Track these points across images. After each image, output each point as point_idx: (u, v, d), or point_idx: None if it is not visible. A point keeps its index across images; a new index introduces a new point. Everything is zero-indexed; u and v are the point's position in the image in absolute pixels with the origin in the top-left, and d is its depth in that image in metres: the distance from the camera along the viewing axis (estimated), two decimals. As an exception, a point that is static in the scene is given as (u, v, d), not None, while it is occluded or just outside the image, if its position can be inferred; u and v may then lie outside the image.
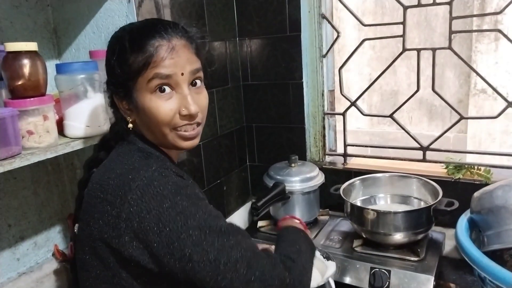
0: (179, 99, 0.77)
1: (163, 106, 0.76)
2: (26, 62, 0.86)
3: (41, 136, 0.87)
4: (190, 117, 0.78)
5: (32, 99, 0.85)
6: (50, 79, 0.95)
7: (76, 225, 0.82)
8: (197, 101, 0.79)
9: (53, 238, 1.17)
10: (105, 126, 0.97)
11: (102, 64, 0.99)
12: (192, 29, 0.83)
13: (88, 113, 0.94)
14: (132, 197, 0.69)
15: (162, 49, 0.75)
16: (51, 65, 1.09)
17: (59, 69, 0.94)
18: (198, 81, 0.80)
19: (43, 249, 1.14)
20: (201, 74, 0.81)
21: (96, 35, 1.12)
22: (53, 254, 1.14)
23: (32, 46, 0.87)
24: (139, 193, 0.69)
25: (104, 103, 0.97)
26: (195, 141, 0.82)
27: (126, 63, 0.75)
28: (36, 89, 0.88)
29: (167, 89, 0.76)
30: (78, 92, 0.94)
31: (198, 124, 0.81)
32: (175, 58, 0.76)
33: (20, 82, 0.85)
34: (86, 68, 0.94)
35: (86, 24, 1.13)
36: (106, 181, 0.74)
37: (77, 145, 0.93)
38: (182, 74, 0.76)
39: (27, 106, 0.84)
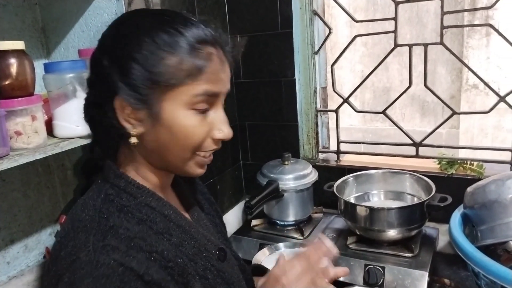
0: (214, 120, 0.66)
1: (200, 126, 0.64)
2: (13, 62, 0.84)
3: (29, 136, 0.85)
4: (222, 142, 0.68)
5: (20, 99, 0.83)
6: (38, 79, 0.93)
7: None
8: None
9: (44, 241, 1.15)
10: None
11: (91, 63, 0.98)
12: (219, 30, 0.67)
13: (77, 113, 0.92)
14: (58, 276, 0.56)
15: (214, 59, 0.63)
16: (39, 64, 1.07)
17: (48, 68, 0.93)
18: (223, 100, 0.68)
19: (34, 252, 1.13)
20: None
21: (85, 33, 1.10)
22: (45, 257, 1.12)
23: (19, 45, 0.85)
24: (65, 279, 0.55)
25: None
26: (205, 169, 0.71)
27: (161, 65, 0.60)
28: (24, 89, 0.86)
29: (205, 107, 0.64)
30: (67, 92, 0.92)
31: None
32: (225, 73, 0.65)
33: (7, 82, 0.83)
34: (75, 67, 0.93)
35: (75, 22, 1.11)
36: (64, 237, 0.61)
37: (67, 146, 0.91)
38: (224, 93, 0.66)
39: (14, 106, 0.82)
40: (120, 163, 0.70)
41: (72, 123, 0.93)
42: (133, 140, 0.64)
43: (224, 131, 0.67)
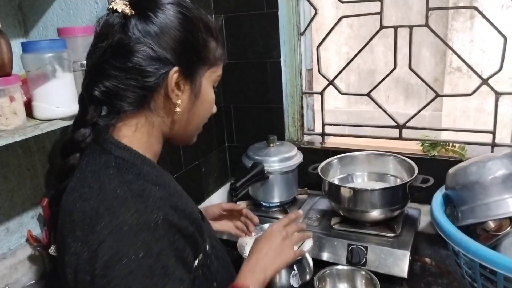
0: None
1: (214, 101, 0.81)
2: (-12, 40, 0.81)
3: (8, 118, 0.83)
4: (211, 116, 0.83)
5: (-4, 79, 0.81)
6: (16, 59, 0.90)
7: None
8: None
9: (26, 224, 1.14)
10: (75, 107, 0.93)
11: (71, 42, 0.95)
12: None
13: (57, 94, 0.90)
14: (99, 242, 0.61)
15: (225, 54, 0.79)
16: (17, 43, 1.04)
17: (25, 47, 0.90)
18: None
19: (16, 235, 1.11)
20: None
21: (64, 12, 1.07)
22: (27, 240, 1.11)
23: (-6, 23, 0.82)
24: (109, 243, 0.60)
25: (74, 83, 0.93)
26: None
27: (208, 47, 0.74)
28: (1, 69, 0.84)
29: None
30: (46, 72, 0.89)
31: None
32: None
33: (-18, 62, 0.81)
34: (54, 46, 0.90)
35: (54, 0, 1.07)
36: (77, 210, 0.65)
37: (47, 127, 0.89)
38: None
39: (-9, 87, 0.80)
40: (123, 135, 0.72)
41: (52, 104, 0.90)
42: (177, 109, 0.72)
43: (215, 108, 0.82)
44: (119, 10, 0.67)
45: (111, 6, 0.69)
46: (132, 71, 0.67)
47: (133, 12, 0.68)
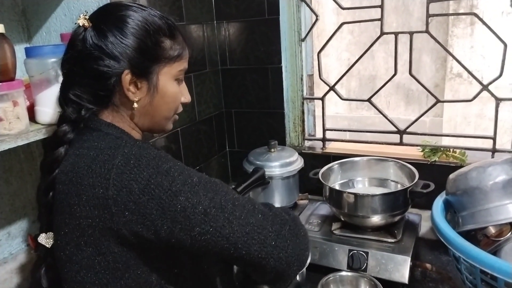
0: (183, 89, 0.88)
1: (179, 93, 0.86)
2: (-8, 45, 0.82)
3: (11, 122, 0.83)
4: (185, 105, 0.90)
5: (0, 84, 0.81)
6: (19, 64, 0.91)
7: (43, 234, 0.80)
8: None
9: (28, 228, 1.14)
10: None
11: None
12: None
13: (60, 99, 0.91)
14: (116, 173, 0.69)
15: (186, 47, 0.85)
16: (20, 49, 1.05)
17: (29, 52, 0.91)
18: None
19: (17, 239, 1.12)
20: None
21: (67, 17, 1.08)
22: (28, 244, 1.11)
23: (-2, 28, 0.83)
24: (121, 167, 0.69)
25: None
26: None
27: (161, 47, 0.80)
28: (4, 74, 0.84)
29: (181, 79, 0.87)
30: (49, 77, 0.90)
31: None
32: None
33: (-14, 67, 0.81)
34: (57, 51, 0.91)
35: (57, 6, 1.08)
36: (82, 168, 0.73)
37: (50, 132, 0.90)
38: None
39: (-5, 91, 0.80)
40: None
41: (55, 108, 0.91)
42: (135, 105, 0.80)
43: (187, 97, 0.89)
44: (81, 24, 0.77)
45: (77, 21, 0.78)
46: (90, 76, 0.77)
47: (90, 25, 0.77)
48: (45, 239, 0.80)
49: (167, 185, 0.69)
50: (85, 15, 0.78)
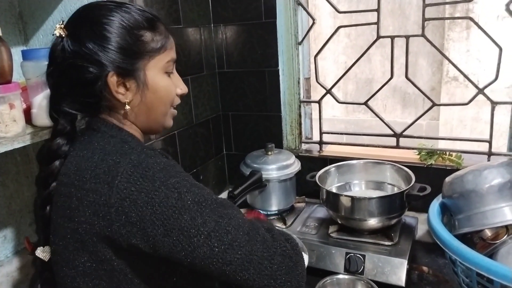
0: (175, 80, 0.85)
1: (172, 85, 0.83)
2: (-11, 48, 0.82)
3: (7, 125, 0.83)
4: (182, 96, 0.87)
5: (-4, 86, 0.81)
6: (16, 66, 0.91)
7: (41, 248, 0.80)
8: None
9: (24, 231, 1.14)
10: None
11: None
12: None
13: (57, 102, 0.91)
14: (120, 181, 0.67)
15: (170, 36, 0.82)
16: (17, 51, 1.05)
17: (26, 55, 0.91)
18: None
19: (13, 243, 1.11)
20: None
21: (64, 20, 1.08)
22: (25, 248, 1.10)
23: (-5, 31, 0.83)
24: (127, 176, 0.67)
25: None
26: None
27: (142, 41, 0.76)
28: (1, 76, 0.84)
29: (171, 70, 0.83)
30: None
31: None
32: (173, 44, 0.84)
33: (-17, 69, 0.81)
34: (54, 54, 0.91)
35: (54, 8, 1.08)
36: (85, 171, 0.71)
37: (46, 135, 0.90)
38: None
39: (-9, 94, 0.80)
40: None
41: (52, 111, 0.91)
42: (127, 106, 0.77)
43: (183, 87, 0.86)
44: (57, 34, 0.75)
45: (54, 31, 0.76)
46: (76, 85, 0.75)
47: (66, 33, 0.75)
48: (42, 253, 0.79)
49: (173, 201, 0.67)
50: (61, 24, 0.76)
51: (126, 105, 0.77)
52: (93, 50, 0.73)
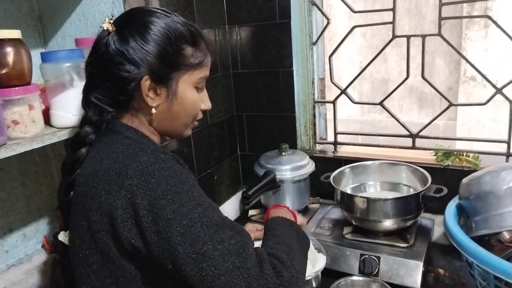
0: (203, 96, 0.88)
1: (199, 100, 0.86)
2: (9, 50, 0.84)
3: (27, 126, 0.85)
4: (205, 112, 0.91)
5: (16, 88, 0.83)
6: (35, 68, 0.93)
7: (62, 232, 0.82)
8: None
9: (42, 230, 1.16)
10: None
11: (88, 52, 0.98)
12: None
13: (74, 102, 0.93)
14: (130, 183, 0.69)
15: (209, 54, 0.85)
16: (36, 53, 1.07)
17: (44, 57, 0.92)
18: None
19: (32, 241, 1.14)
20: None
21: (82, 22, 1.10)
22: (43, 246, 1.13)
23: (15, 33, 0.85)
24: (135, 179, 0.69)
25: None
26: None
27: (182, 54, 0.80)
28: (20, 78, 0.86)
29: (201, 87, 0.87)
30: (64, 81, 0.92)
31: None
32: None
33: (4, 71, 0.83)
34: (72, 56, 0.93)
35: (72, 11, 1.10)
36: (99, 171, 0.74)
37: (64, 135, 0.92)
38: None
39: (11, 95, 0.82)
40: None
41: (69, 112, 0.93)
42: (153, 110, 0.80)
43: (207, 104, 0.89)
44: (105, 28, 0.78)
45: (102, 24, 0.79)
46: (111, 80, 0.78)
47: (114, 29, 0.78)
48: (64, 237, 0.83)
49: (169, 212, 0.67)
50: (110, 19, 0.79)
51: (153, 109, 0.80)
52: (135, 50, 0.76)
